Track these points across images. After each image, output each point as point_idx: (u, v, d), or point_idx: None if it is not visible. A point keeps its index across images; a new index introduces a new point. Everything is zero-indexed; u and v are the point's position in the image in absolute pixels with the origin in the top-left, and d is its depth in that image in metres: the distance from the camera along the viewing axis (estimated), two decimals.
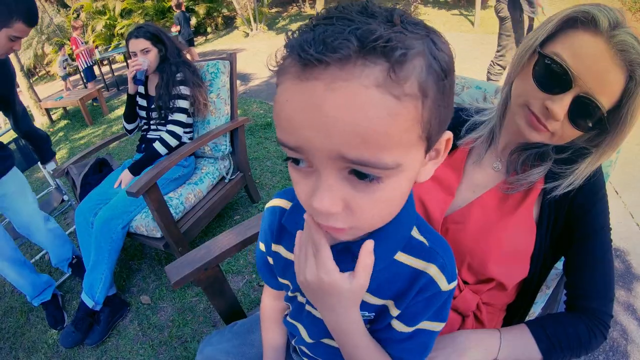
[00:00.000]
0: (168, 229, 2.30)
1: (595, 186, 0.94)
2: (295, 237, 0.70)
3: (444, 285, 0.67)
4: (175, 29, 9.42)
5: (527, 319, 1.15)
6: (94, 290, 2.31)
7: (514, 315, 1.14)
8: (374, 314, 0.73)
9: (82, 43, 9.10)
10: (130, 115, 2.76)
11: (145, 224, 2.36)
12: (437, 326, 0.71)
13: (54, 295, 2.55)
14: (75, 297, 2.70)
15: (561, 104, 0.82)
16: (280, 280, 0.87)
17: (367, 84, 0.39)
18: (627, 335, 2.15)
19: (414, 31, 0.43)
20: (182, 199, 2.55)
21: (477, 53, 8.39)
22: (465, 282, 1.05)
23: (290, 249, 0.76)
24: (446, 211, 1.06)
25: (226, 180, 2.96)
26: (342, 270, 0.61)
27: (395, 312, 0.70)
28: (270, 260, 0.86)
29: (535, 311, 1.29)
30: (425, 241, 0.69)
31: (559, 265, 1.08)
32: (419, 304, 0.68)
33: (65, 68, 9.60)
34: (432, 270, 0.66)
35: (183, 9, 9.83)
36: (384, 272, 0.67)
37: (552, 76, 0.83)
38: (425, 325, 0.70)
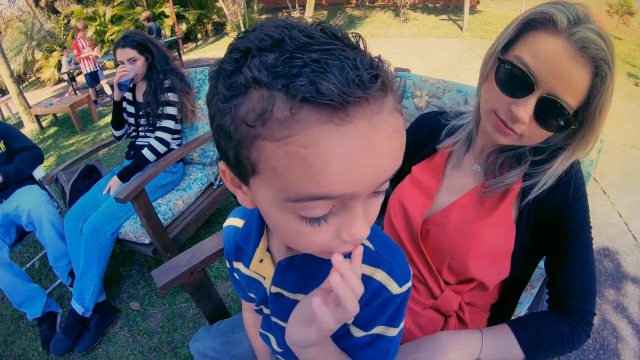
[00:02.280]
0: (156, 235, 2.31)
1: (575, 181, 0.94)
2: (248, 255, 0.74)
3: (394, 289, 0.66)
4: None
5: (512, 318, 1.15)
6: (84, 297, 2.31)
7: (498, 315, 1.15)
8: None
9: (83, 48, 8.46)
10: (118, 122, 2.75)
11: (133, 230, 2.37)
12: (393, 331, 0.70)
13: (51, 314, 2.47)
14: (65, 304, 2.69)
15: (525, 107, 0.83)
16: (248, 293, 0.89)
17: (391, 110, 0.44)
18: (617, 334, 2.18)
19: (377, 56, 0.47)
20: (170, 205, 2.56)
21: (475, 54, 8.50)
22: (446, 283, 1.06)
23: (248, 265, 0.78)
24: (425, 214, 1.08)
25: (214, 186, 2.96)
26: (290, 280, 0.63)
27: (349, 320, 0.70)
28: (236, 275, 0.88)
29: (520, 311, 1.30)
30: (371, 246, 0.68)
31: (543, 264, 1.08)
32: (373, 310, 0.68)
33: (72, 71, 9.47)
34: (380, 275, 0.66)
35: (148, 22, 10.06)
36: None
37: (514, 80, 0.84)
38: (382, 330, 0.70)
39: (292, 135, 0.40)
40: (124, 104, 2.71)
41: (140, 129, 2.70)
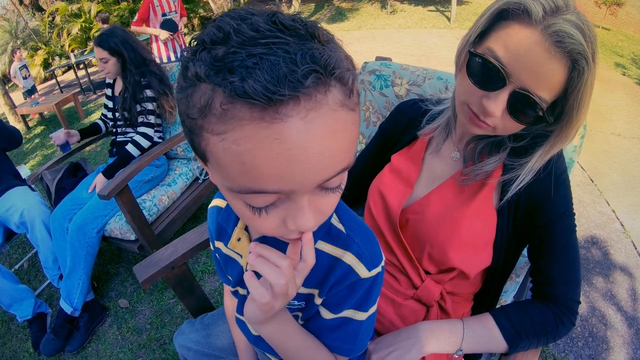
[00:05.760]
0: (141, 231, 2.30)
1: (556, 169, 0.92)
2: (229, 233, 0.76)
3: (363, 272, 0.68)
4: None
5: (496, 307, 1.14)
6: (72, 297, 2.31)
7: (482, 304, 1.14)
8: (303, 302, 0.75)
9: (160, 13, 4.82)
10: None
11: (119, 226, 2.35)
12: (362, 315, 0.72)
13: (41, 315, 2.46)
14: (54, 304, 2.68)
15: (497, 101, 0.80)
16: (227, 275, 0.89)
17: (334, 106, 0.42)
18: (605, 321, 2.20)
19: (331, 41, 0.45)
20: (155, 200, 2.55)
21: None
22: (427, 272, 1.06)
23: (227, 243, 0.79)
24: (404, 203, 1.07)
25: (200, 181, 2.95)
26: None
27: (318, 300, 0.72)
28: (217, 256, 0.89)
29: (506, 300, 1.30)
30: (342, 228, 0.70)
31: (526, 252, 1.07)
32: (341, 292, 0.70)
33: (26, 78, 8.59)
34: (349, 258, 0.67)
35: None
36: None
37: (486, 74, 0.81)
38: (351, 313, 0.72)
39: (227, 131, 0.40)
40: (104, 100, 2.75)
41: (118, 123, 2.70)
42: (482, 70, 0.82)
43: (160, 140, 2.71)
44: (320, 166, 0.43)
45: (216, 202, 0.87)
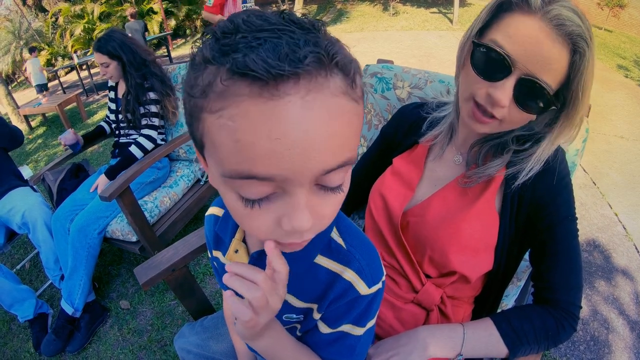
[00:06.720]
0: (143, 233, 2.30)
1: (559, 172, 0.92)
2: (226, 244, 0.73)
3: (363, 289, 0.66)
4: None
5: (498, 311, 1.14)
6: (73, 297, 2.30)
7: (482, 308, 1.13)
8: (302, 315, 0.74)
9: None
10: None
11: (120, 228, 2.35)
12: (360, 331, 0.71)
13: (42, 315, 2.45)
14: (56, 305, 2.67)
15: (503, 90, 0.81)
16: None
17: (335, 92, 0.41)
18: (607, 325, 2.19)
19: (335, 40, 0.45)
20: (157, 202, 2.55)
21: None
22: (427, 276, 1.05)
23: (225, 254, 0.78)
24: (405, 206, 1.07)
25: (201, 182, 2.95)
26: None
27: (317, 315, 0.71)
28: (216, 264, 0.88)
29: (507, 304, 1.29)
30: (342, 243, 0.68)
31: (528, 256, 1.06)
32: (340, 308, 0.69)
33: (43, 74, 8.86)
34: (349, 274, 0.66)
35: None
36: (306, 275, 0.68)
37: (490, 63, 0.82)
38: (348, 328, 0.71)
39: (224, 108, 0.40)
40: (107, 102, 2.74)
41: (122, 124, 2.70)
42: (486, 61, 0.83)
43: (162, 142, 2.71)
44: (318, 153, 0.41)
45: (213, 210, 0.85)
